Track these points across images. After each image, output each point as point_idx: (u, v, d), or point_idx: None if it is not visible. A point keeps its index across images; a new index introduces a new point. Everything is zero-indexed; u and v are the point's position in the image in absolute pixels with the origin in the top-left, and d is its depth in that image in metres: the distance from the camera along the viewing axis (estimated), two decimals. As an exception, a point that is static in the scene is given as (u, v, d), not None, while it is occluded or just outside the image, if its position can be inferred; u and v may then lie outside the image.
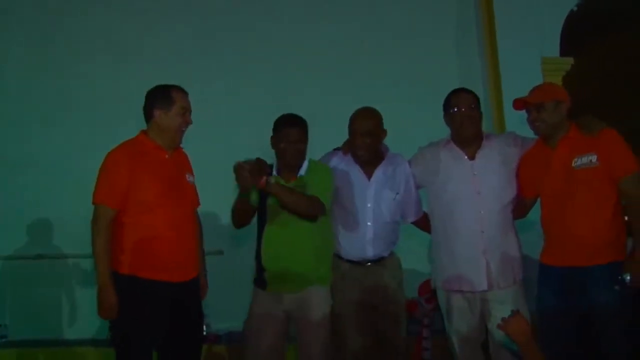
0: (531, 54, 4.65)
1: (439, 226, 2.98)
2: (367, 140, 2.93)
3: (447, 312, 2.95)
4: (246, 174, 2.59)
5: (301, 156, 2.91)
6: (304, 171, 2.91)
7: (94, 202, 2.64)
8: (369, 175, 2.99)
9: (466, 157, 2.91)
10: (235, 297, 3.35)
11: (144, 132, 2.80)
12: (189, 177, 2.87)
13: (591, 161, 2.69)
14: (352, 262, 2.99)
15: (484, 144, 2.92)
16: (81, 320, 4.43)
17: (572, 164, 2.72)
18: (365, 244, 2.97)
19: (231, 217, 2.93)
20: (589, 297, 2.64)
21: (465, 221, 2.86)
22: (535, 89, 2.86)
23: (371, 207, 2.97)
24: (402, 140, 3.16)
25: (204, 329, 4.06)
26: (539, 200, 2.90)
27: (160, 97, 2.76)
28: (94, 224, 2.61)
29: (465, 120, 2.87)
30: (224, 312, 4.12)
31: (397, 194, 3.00)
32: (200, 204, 2.95)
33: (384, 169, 3.00)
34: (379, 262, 3.00)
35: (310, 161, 2.95)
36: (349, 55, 4.84)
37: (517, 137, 2.99)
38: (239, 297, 3.18)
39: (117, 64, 4.69)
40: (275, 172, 2.90)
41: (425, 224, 3.11)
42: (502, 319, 2.26)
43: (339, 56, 4.83)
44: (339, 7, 4.97)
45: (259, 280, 2.92)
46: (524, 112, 2.85)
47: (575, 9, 4.88)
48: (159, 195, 2.67)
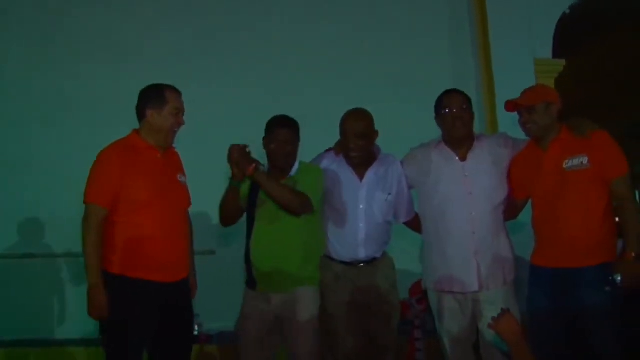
0: (524, 55, 4.68)
1: (430, 227, 2.97)
2: (360, 142, 2.92)
3: (438, 313, 2.95)
4: (237, 155, 2.66)
5: (291, 157, 2.91)
6: (294, 172, 2.92)
7: (85, 201, 2.63)
8: (361, 176, 2.99)
9: (457, 158, 2.91)
10: (226, 297, 3.34)
11: (136, 132, 2.78)
12: (180, 177, 2.85)
13: (582, 163, 2.70)
14: (344, 263, 2.98)
15: (475, 145, 2.92)
16: (71, 320, 4.41)
17: (564, 166, 2.73)
18: (357, 245, 2.96)
19: (219, 211, 2.93)
20: (579, 298, 2.64)
21: (456, 222, 2.86)
22: (526, 91, 2.87)
23: (363, 208, 2.96)
24: (394, 140, 3.16)
25: (196, 329, 4.08)
26: (530, 201, 2.91)
27: (153, 97, 2.74)
28: (84, 223, 2.59)
29: (456, 121, 2.87)
30: (216, 312, 4.12)
31: (389, 194, 3.00)
32: (191, 204, 2.93)
33: (376, 170, 3.00)
34: (371, 263, 2.99)
35: (301, 163, 2.96)
36: (342, 55, 4.86)
37: (509, 138, 3.00)
38: (231, 297, 3.18)
39: (117, 64, 4.69)
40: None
41: (416, 224, 3.11)
42: (492, 318, 2.25)
43: (333, 57, 4.85)
44: (333, 8, 5.00)
45: (249, 280, 2.93)
46: (516, 114, 2.86)
47: (567, 11, 4.90)
48: (150, 195, 2.65)
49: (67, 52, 4.77)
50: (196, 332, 4.08)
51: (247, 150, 2.75)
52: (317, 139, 3.10)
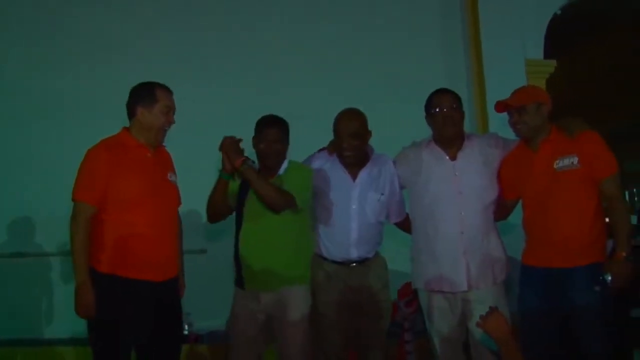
0: (515, 56, 4.69)
1: (420, 227, 2.97)
2: (354, 141, 2.92)
3: (428, 313, 2.95)
4: (228, 146, 2.72)
5: (281, 156, 2.91)
6: (282, 171, 2.92)
7: (74, 199, 2.61)
8: (354, 176, 2.98)
9: (447, 157, 2.91)
10: (217, 297, 3.33)
11: (126, 129, 2.76)
12: (170, 176, 2.83)
13: (572, 163, 2.71)
14: (336, 262, 2.98)
15: (465, 144, 2.92)
16: (60, 319, 4.38)
17: (554, 166, 2.73)
18: (349, 245, 2.96)
19: (206, 206, 2.93)
20: (570, 298, 2.65)
21: (446, 222, 2.85)
22: (516, 91, 2.87)
23: (356, 208, 2.96)
24: (387, 140, 3.15)
25: (186, 328, 4.06)
26: (521, 201, 2.91)
27: (144, 95, 2.73)
28: (72, 221, 2.57)
29: (446, 120, 2.87)
30: (206, 312, 4.11)
31: (381, 195, 2.99)
32: (181, 204, 2.92)
33: (369, 170, 3.00)
34: (363, 262, 2.99)
35: (290, 162, 2.95)
36: (340, 55, 4.86)
37: (499, 138, 3.00)
38: (221, 296, 3.17)
39: (117, 64, 4.66)
40: None
41: (407, 225, 3.10)
42: (481, 317, 2.25)
43: (331, 57, 4.85)
44: (326, 9, 4.99)
45: (238, 278, 2.92)
46: (506, 114, 2.86)
47: (558, 12, 4.92)
48: (139, 193, 2.63)
49: (67, 52, 4.75)
50: (186, 332, 4.07)
51: (240, 143, 2.77)
52: (315, 139, 3.11)
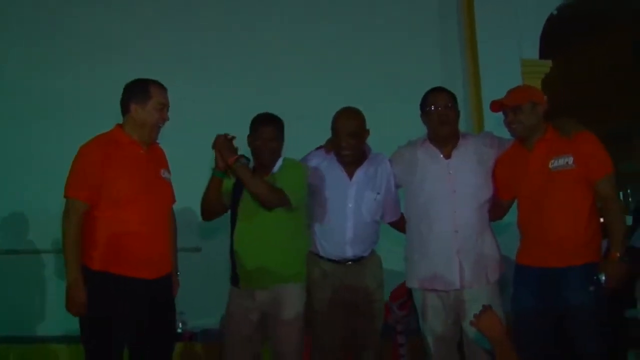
0: (511, 56, 4.69)
1: (415, 226, 2.97)
2: (352, 140, 2.92)
3: (422, 311, 2.95)
4: (221, 144, 2.73)
5: (275, 154, 2.91)
6: (276, 168, 2.91)
7: (66, 196, 2.59)
8: (350, 175, 2.98)
9: (442, 155, 2.91)
10: (211, 295, 3.33)
11: (120, 126, 2.74)
12: (164, 173, 2.82)
13: (567, 163, 2.71)
14: (332, 261, 2.98)
15: (460, 143, 2.92)
16: (53, 316, 4.35)
17: (549, 166, 2.73)
18: (344, 244, 2.96)
19: (200, 204, 2.93)
20: (564, 298, 2.66)
21: (440, 220, 2.85)
22: (511, 91, 2.86)
23: (352, 207, 2.95)
24: (383, 140, 3.15)
25: (180, 326, 4.05)
26: (516, 201, 2.91)
27: (137, 91, 2.72)
28: (64, 218, 2.55)
29: (441, 118, 2.87)
30: (200, 310, 4.10)
31: (377, 194, 2.99)
32: (175, 201, 2.91)
33: (366, 169, 2.99)
34: (359, 261, 2.99)
35: (284, 159, 2.95)
36: (336, 56, 4.87)
37: (494, 137, 3.00)
38: (215, 294, 3.17)
39: (117, 64, 4.64)
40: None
41: (402, 225, 3.10)
42: (474, 316, 2.25)
43: (327, 57, 4.85)
44: (326, 9, 5.00)
45: (233, 276, 2.92)
46: (502, 113, 2.86)
47: (555, 12, 4.93)
48: (132, 190, 2.62)
49: (67, 52, 4.74)
50: (180, 330, 4.06)
51: (233, 141, 2.77)
52: (315, 138, 3.10)
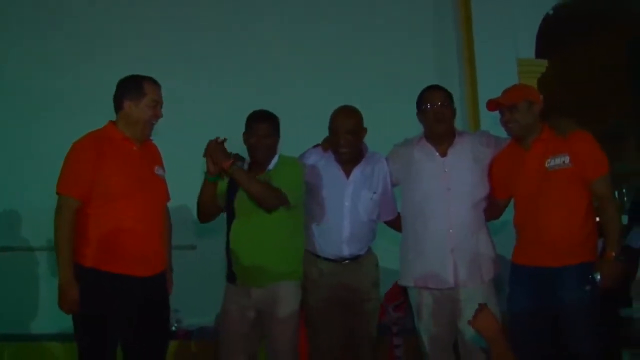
0: (507, 55, 4.69)
1: (410, 224, 2.96)
2: (350, 138, 2.91)
3: (418, 310, 2.94)
4: (214, 150, 2.70)
5: (270, 151, 2.91)
6: (272, 166, 2.91)
7: (58, 192, 2.57)
8: (347, 173, 2.98)
9: (437, 153, 2.91)
10: (206, 293, 3.32)
11: (113, 123, 2.73)
12: (158, 170, 2.80)
13: (564, 162, 2.71)
14: (329, 259, 2.97)
15: (456, 141, 2.92)
16: (47, 314, 4.32)
17: (546, 165, 2.74)
18: (341, 242, 2.95)
19: (196, 208, 2.92)
20: (560, 297, 2.66)
21: (435, 219, 2.85)
22: (507, 90, 2.86)
23: (348, 206, 2.95)
24: (380, 138, 3.14)
25: (175, 324, 4.04)
26: (512, 200, 2.91)
27: (131, 88, 2.70)
28: (57, 215, 2.53)
29: (437, 116, 2.87)
30: (195, 308, 4.09)
31: (374, 193, 2.99)
32: (170, 198, 2.89)
33: (363, 168, 2.99)
34: (355, 260, 2.99)
35: (280, 156, 2.95)
36: (336, 56, 4.85)
37: (490, 136, 3.00)
38: (211, 292, 3.16)
39: (117, 64, 4.60)
40: (246, 168, 2.91)
41: (398, 224, 3.10)
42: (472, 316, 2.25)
43: (328, 57, 4.83)
44: (326, 9, 4.98)
45: (229, 274, 2.92)
46: (498, 112, 2.86)
47: (551, 12, 4.93)
48: (125, 187, 2.60)
49: (67, 52, 4.71)
50: (174, 328, 4.04)
51: (225, 144, 2.75)
52: (315, 138, 3.10)
